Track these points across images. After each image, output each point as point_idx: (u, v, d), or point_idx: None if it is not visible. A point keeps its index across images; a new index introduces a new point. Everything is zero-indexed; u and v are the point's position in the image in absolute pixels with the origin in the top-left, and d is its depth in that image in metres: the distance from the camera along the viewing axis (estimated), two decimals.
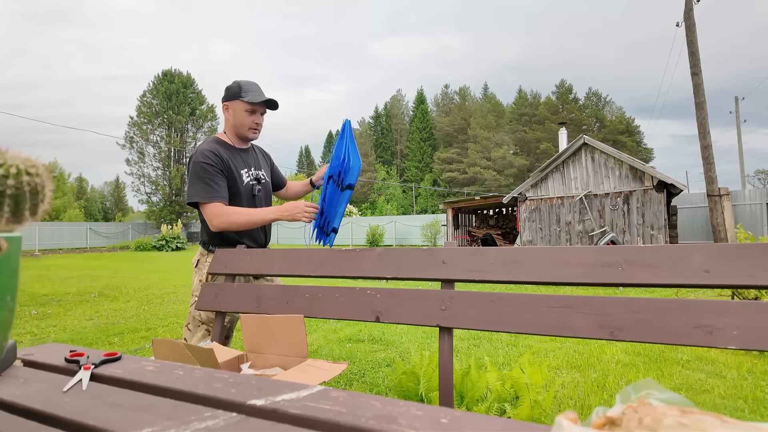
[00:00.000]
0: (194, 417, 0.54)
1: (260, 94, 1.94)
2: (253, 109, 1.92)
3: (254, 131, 1.97)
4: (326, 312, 1.65)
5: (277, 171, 2.26)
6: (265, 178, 2.05)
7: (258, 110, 1.94)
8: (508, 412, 1.93)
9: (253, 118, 1.94)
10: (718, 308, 1.12)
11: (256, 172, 2.02)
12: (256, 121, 1.94)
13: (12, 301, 0.64)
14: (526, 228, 10.65)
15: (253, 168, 2.01)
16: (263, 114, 1.98)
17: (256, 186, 1.99)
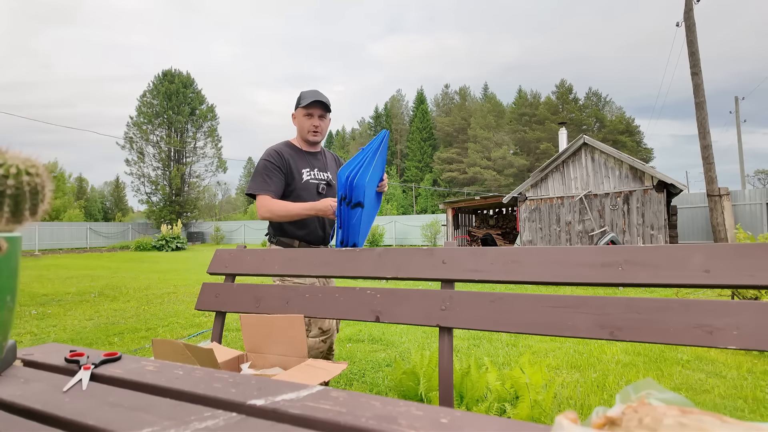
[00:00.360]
0: (194, 417, 0.54)
1: (312, 97, 2.07)
2: (309, 113, 2.09)
3: (314, 133, 2.11)
4: (326, 312, 1.65)
5: None
6: (330, 179, 2.17)
7: (314, 113, 2.09)
8: (508, 412, 1.93)
9: (311, 121, 2.09)
10: (718, 308, 1.12)
11: (321, 173, 2.15)
12: (314, 124, 2.09)
13: (12, 301, 0.64)
14: (526, 228, 10.65)
15: (317, 169, 2.14)
16: (321, 117, 2.10)
17: (320, 184, 2.13)
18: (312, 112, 2.09)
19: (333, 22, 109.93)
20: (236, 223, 29.84)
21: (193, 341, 3.78)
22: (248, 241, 27.55)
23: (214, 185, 41.25)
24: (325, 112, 2.12)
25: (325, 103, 2.08)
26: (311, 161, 2.14)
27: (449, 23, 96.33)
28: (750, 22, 73.61)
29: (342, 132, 65.14)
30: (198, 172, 33.52)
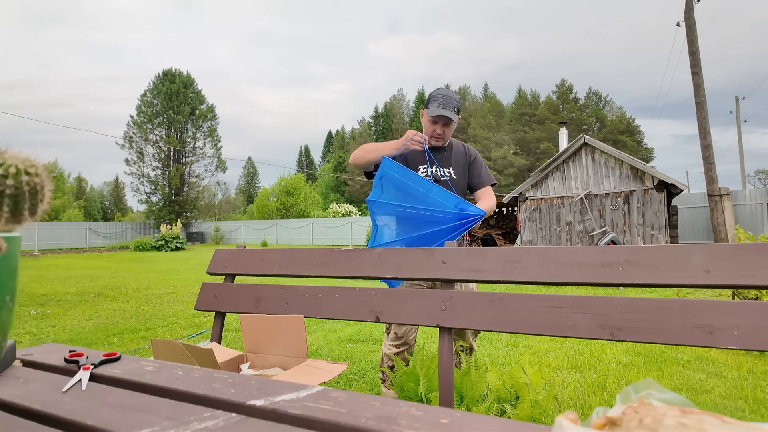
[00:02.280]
0: (194, 417, 0.54)
1: (439, 107, 2.06)
2: (434, 120, 2.09)
3: (436, 139, 2.13)
4: (326, 312, 1.65)
5: (473, 171, 2.21)
6: (447, 176, 2.13)
7: (438, 121, 2.08)
8: (508, 412, 1.93)
9: (434, 127, 2.11)
10: (718, 308, 1.12)
11: (443, 170, 2.14)
12: (437, 132, 2.11)
13: (11, 302, 0.64)
14: (526, 228, 10.65)
15: (438, 166, 2.14)
16: (446, 125, 2.09)
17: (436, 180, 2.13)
18: (436, 120, 2.10)
19: (333, 22, 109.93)
20: (236, 223, 29.85)
21: (192, 341, 3.78)
22: (248, 241, 27.55)
23: (213, 185, 41.24)
24: (450, 121, 2.10)
25: (449, 117, 2.07)
26: (434, 157, 2.15)
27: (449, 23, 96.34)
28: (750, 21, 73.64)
29: (342, 132, 65.12)
30: (197, 172, 33.53)
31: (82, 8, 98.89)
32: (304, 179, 35.76)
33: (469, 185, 2.21)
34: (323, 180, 56.22)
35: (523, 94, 53.99)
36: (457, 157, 2.19)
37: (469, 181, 2.20)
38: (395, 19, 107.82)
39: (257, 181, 66.15)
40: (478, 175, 2.19)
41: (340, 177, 55.97)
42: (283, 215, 32.44)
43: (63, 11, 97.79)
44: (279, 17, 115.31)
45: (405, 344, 2.15)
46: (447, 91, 2.12)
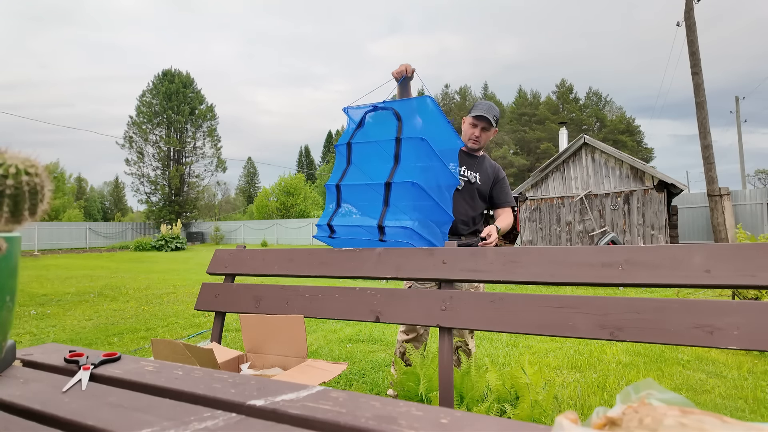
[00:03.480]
0: (194, 417, 0.54)
1: (482, 111, 2.24)
2: (473, 123, 2.27)
3: (473, 141, 2.29)
4: (326, 312, 1.65)
5: (498, 189, 2.35)
6: (476, 180, 2.31)
7: (478, 124, 2.26)
8: (508, 412, 1.93)
9: (473, 130, 2.28)
10: (718, 308, 1.12)
11: (468, 171, 2.31)
12: (475, 134, 2.28)
13: (11, 302, 0.64)
14: (526, 228, 10.65)
15: (465, 167, 2.31)
16: (484, 129, 2.26)
17: (461, 181, 2.29)
18: (477, 123, 2.26)
19: (333, 22, 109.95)
20: (236, 223, 29.86)
21: (192, 341, 3.78)
22: (248, 241, 27.55)
23: (213, 185, 41.23)
24: (489, 125, 2.25)
25: (489, 120, 2.23)
26: (466, 160, 2.33)
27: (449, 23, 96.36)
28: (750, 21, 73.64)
29: (342, 132, 65.08)
30: (197, 172, 33.53)
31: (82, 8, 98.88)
32: (304, 179, 35.76)
33: (491, 202, 2.37)
34: (323, 180, 56.18)
35: (523, 94, 53.98)
36: (486, 169, 2.35)
37: (492, 197, 2.36)
38: (395, 19, 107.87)
39: (257, 181, 66.18)
40: (502, 194, 2.36)
41: None
42: (283, 215, 32.44)
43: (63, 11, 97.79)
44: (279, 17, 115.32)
45: (414, 332, 2.28)
46: (491, 103, 2.32)
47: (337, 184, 1.83)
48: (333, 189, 1.84)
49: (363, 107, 1.88)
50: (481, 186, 2.32)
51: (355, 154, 1.85)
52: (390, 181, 1.69)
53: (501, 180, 2.37)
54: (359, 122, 1.88)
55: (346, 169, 1.84)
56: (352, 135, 1.86)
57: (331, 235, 1.82)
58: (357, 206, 1.84)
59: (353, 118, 1.89)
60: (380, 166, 1.76)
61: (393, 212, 1.71)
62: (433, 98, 1.83)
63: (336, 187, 1.83)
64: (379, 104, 1.84)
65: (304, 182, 35.36)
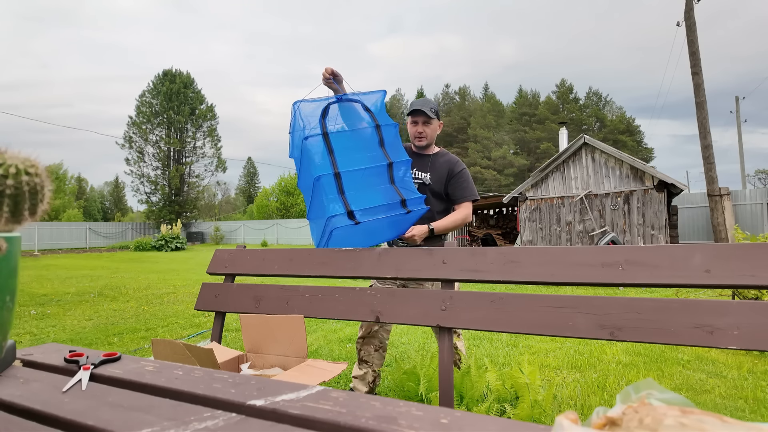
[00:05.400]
0: (194, 417, 0.54)
1: (414, 105, 2.23)
2: (412, 120, 2.25)
3: (418, 139, 2.27)
4: (326, 312, 1.65)
5: (453, 184, 2.26)
6: (428, 181, 2.25)
7: (417, 120, 2.23)
8: (508, 412, 1.93)
9: (414, 128, 2.26)
10: (718, 308, 1.12)
11: (421, 174, 2.27)
12: (418, 130, 2.25)
13: (11, 302, 0.64)
14: (526, 228, 10.65)
15: (416, 169, 2.27)
16: (425, 123, 2.24)
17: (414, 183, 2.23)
18: (416, 119, 2.24)
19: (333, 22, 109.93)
20: (236, 223, 29.85)
21: (192, 341, 3.78)
22: (248, 241, 27.55)
23: (213, 185, 41.24)
24: (428, 118, 2.22)
25: (425, 112, 2.19)
26: (417, 161, 2.29)
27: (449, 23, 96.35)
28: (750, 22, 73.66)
29: None
30: (197, 172, 33.53)
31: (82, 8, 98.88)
32: None
33: (449, 199, 2.28)
34: None
35: (523, 94, 54.00)
36: (440, 165, 2.27)
37: (449, 194, 2.27)
38: (394, 20, 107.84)
39: (257, 181, 66.16)
40: (458, 189, 2.26)
41: None
42: (283, 215, 32.43)
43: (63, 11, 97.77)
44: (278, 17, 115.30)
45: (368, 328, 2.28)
46: (425, 98, 2.28)
47: (336, 172, 1.82)
48: (330, 179, 1.81)
49: (322, 100, 1.92)
50: (434, 185, 2.25)
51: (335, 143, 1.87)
52: (391, 161, 1.87)
53: (457, 174, 2.27)
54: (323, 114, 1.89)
55: (333, 158, 1.85)
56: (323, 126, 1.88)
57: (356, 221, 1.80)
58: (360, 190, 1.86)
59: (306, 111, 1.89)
60: (362, 152, 1.88)
61: (402, 188, 1.89)
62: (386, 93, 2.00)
63: (335, 175, 1.82)
64: (344, 96, 1.97)
65: None
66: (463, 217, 2.25)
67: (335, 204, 1.79)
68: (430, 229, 2.11)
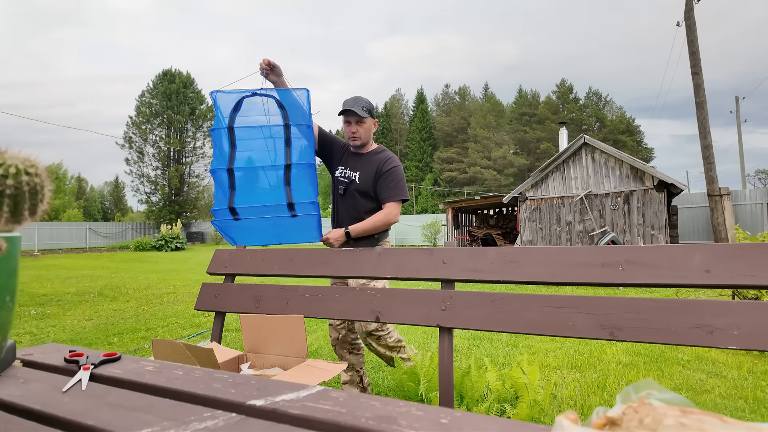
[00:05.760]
0: (194, 417, 0.54)
1: (344, 105, 2.17)
2: (345, 120, 2.20)
3: (352, 138, 2.21)
4: (326, 312, 1.65)
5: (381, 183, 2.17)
6: (355, 179, 2.20)
7: (350, 120, 2.18)
8: (508, 412, 1.93)
9: (348, 128, 2.21)
10: (718, 308, 1.12)
11: (350, 172, 2.22)
12: (351, 130, 2.20)
13: (11, 302, 0.64)
14: (526, 228, 10.65)
15: (348, 168, 2.23)
16: (358, 122, 2.18)
17: (343, 183, 2.23)
18: (348, 119, 2.19)
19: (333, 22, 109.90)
20: None
21: (192, 341, 3.78)
22: None
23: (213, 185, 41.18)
24: (360, 117, 2.17)
25: (356, 111, 2.14)
26: (350, 160, 2.26)
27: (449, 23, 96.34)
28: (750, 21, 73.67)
29: (342, 132, 65.11)
30: (197, 172, 33.53)
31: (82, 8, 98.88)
32: None
33: (378, 198, 2.19)
34: (323, 180, 56.22)
35: (523, 94, 54.01)
36: (369, 165, 2.20)
37: (377, 193, 2.18)
38: (394, 20, 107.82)
39: None
40: (385, 189, 2.16)
41: None
42: None
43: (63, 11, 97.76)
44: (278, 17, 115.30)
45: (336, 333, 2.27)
46: (357, 96, 2.22)
47: (229, 168, 1.84)
48: (223, 173, 1.87)
49: (238, 92, 1.91)
50: (361, 184, 2.18)
51: (239, 137, 1.89)
52: (289, 162, 1.86)
53: (386, 173, 2.17)
54: (235, 106, 1.89)
55: (233, 153, 1.87)
56: (231, 119, 1.88)
57: (236, 217, 1.86)
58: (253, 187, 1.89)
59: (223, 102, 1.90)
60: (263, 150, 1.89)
61: (296, 190, 1.87)
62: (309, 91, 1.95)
63: (228, 171, 1.85)
64: (258, 90, 1.91)
65: None
66: (387, 218, 2.14)
67: (222, 198, 1.85)
68: (346, 232, 2.07)
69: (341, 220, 2.21)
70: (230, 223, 1.89)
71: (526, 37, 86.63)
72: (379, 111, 61.33)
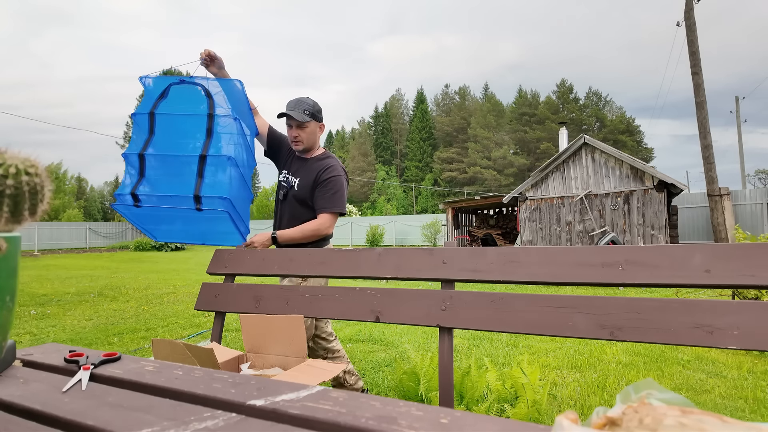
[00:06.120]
0: (194, 417, 0.54)
1: (286, 108, 2.07)
2: (287, 123, 2.11)
3: (294, 143, 2.13)
4: (326, 312, 1.65)
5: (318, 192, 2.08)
6: (294, 186, 2.13)
7: (291, 123, 2.09)
8: (508, 412, 1.93)
9: (290, 132, 2.12)
10: (718, 308, 1.12)
11: (291, 177, 2.16)
12: (293, 135, 2.11)
13: (11, 302, 0.64)
14: (526, 228, 10.65)
15: (290, 173, 2.17)
16: (298, 127, 2.08)
17: (284, 188, 2.17)
18: (289, 122, 2.09)
19: (333, 22, 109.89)
20: None
21: (192, 341, 3.78)
22: None
23: None
24: (300, 122, 2.05)
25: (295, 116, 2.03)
26: (294, 164, 2.18)
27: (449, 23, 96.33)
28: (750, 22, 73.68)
29: (342, 132, 65.15)
30: None
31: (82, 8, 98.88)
32: None
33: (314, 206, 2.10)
34: None
35: (523, 94, 54.02)
36: (310, 172, 2.10)
37: (313, 202, 2.09)
38: (394, 20, 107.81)
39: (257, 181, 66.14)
40: (320, 199, 2.06)
41: None
42: None
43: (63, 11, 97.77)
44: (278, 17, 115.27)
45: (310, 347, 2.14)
46: (300, 98, 2.10)
47: (140, 153, 1.79)
48: (134, 158, 1.80)
49: (166, 78, 1.87)
50: (299, 191, 2.09)
51: (159, 124, 1.82)
52: (205, 153, 1.77)
53: (324, 181, 2.06)
54: (162, 93, 1.84)
55: (149, 139, 1.81)
56: (155, 105, 1.83)
57: (136, 204, 1.79)
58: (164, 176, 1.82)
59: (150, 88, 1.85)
60: (187, 139, 1.81)
61: (209, 184, 1.78)
62: (243, 83, 1.88)
63: (139, 156, 1.79)
64: (186, 78, 1.87)
65: None
66: (316, 228, 2.03)
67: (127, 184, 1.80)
68: (272, 237, 1.98)
69: (282, 226, 2.13)
70: (132, 210, 1.81)
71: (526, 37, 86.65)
72: (379, 111, 61.27)
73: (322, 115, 2.17)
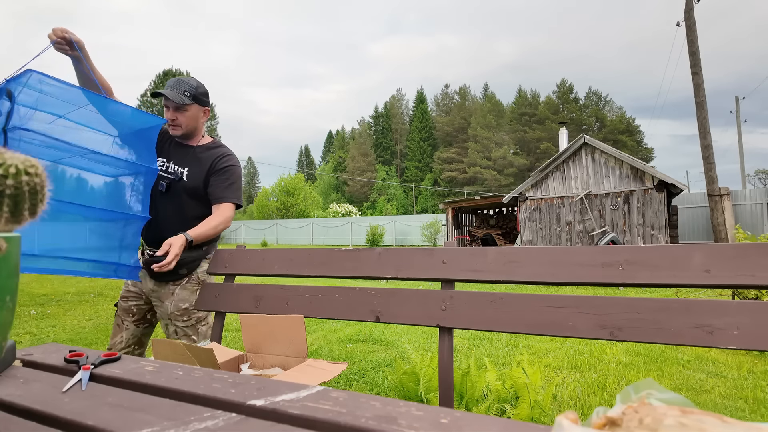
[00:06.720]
0: (194, 417, 0.54)
1: (166, 87, 1.84)
2: (165, 104, 1.85)
3: (172, 128, 1.87)
4: (326, 312, 1.65)
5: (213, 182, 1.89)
6: (182, 177, 1.88)
7: (168, 105, 1.83)
8: (508, 412, 1.93)
9: (167, 113, 1.86)
10: (718, 308, 1.12)
11: (176, 168, 1.89)
12: (170, 117, 1.85)
13: (11, 302, 0.64)
14: (526, 228, 10.65)
15: (173, 162, 1.89)
16: (177, 110, 1.83)
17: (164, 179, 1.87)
18: (166, 104, 1.83)
19: (333, 22, 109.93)
20: (235, 223, 29.84)
21: None
22: (248, 241, 27.55)
23: None
24: (179, 104, 1.81)
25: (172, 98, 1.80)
26: (175, 152, 1.91)
27: (449, 23, 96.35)
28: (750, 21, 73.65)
29: (342, 132, 65.14)
30: None
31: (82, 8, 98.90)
32: (303, 179, 35.77)
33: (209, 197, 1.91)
34: (323, 180, 56.21)
35: (523, 94, 54.02)
36: (201, 160, 1.90)
37: (209, 192, 1.89)
38: (394, 20, 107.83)
39: (257, 181, 66.22)
40: (218, 188, 1.88)
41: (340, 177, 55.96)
42: (283, 215, 32.44)
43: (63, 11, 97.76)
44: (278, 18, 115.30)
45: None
46: (182, 77, 1.87)
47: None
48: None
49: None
50: (190, 182, 1.87)
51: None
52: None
53: (220, 170, 1.89)
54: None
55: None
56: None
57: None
58: None
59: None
60: None
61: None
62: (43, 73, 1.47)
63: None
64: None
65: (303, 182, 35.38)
66: (223, 221, 1.86)
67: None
68: (189, 241, 1.73)
69: (166, 223, 1.84)
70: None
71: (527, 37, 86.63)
72: (379, 111, 61.23)
73: (208, 98, 1.92)
